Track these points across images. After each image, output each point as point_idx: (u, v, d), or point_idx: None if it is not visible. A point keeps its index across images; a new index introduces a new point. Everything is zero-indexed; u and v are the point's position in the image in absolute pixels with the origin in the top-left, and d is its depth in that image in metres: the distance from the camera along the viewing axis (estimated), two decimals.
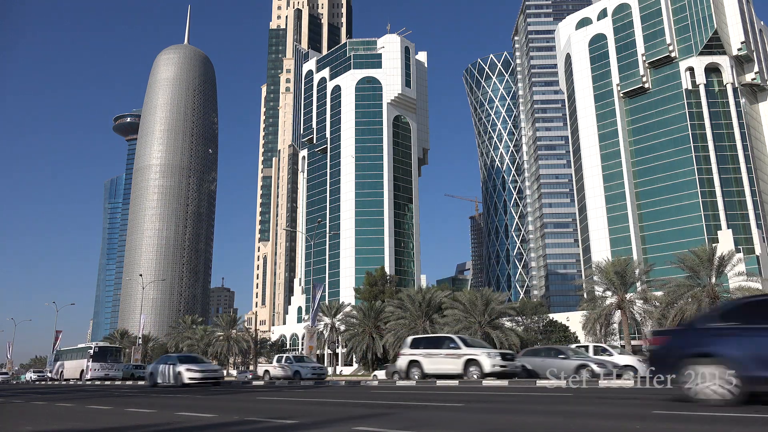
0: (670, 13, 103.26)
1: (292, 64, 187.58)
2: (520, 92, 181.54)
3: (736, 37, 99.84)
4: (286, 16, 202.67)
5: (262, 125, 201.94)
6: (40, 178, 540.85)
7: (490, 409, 10.47)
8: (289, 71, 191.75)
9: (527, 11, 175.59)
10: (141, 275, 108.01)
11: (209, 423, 9.40)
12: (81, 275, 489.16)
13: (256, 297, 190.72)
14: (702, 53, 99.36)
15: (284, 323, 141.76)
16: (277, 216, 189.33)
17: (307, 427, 8.35)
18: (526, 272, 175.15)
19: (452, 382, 23.93)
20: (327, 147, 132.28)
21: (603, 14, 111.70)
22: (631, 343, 56.85)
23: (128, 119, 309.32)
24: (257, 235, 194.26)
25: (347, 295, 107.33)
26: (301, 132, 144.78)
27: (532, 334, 64.63)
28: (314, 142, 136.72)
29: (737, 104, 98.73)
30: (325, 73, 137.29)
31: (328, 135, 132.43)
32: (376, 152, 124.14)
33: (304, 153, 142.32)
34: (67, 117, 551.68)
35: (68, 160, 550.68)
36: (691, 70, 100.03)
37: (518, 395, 14.14)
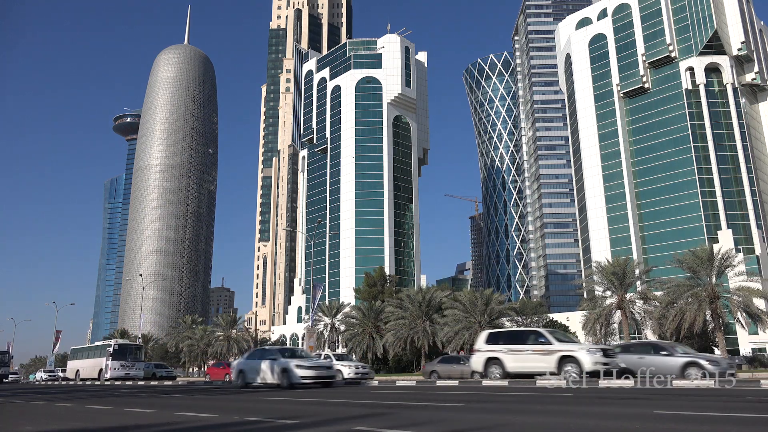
0: (670, 13, 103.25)
1: (292, 64, 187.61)
2: (520, 92, 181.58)
3: (736, 37, 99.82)
4: (286, 16, 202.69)
5: (262, 125, 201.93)
6: (40, 178, 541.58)
7: (490, 409, 10.47)
8: (289, 71, 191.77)
9: (527, 11, 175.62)
10: (141, 275, 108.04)
11: (209, 423, 9.40)
12: (81, 275, 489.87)
13: (256, 297, 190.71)
14: (702, 53, 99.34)
15: (284, 323, 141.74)
16: (277, 216, 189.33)
17: (307, 427, 8.35)
18: (526, 272, 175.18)
19: (452, 382, 23.92)
20: (327, 147, 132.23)
21: (603, 14, 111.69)
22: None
23: (128, 119, 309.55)
24: (257, 235, 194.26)
25: (347, 295, 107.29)
26: (301, 132, 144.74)
27: None
28: (314, 142, 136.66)
29: (737, 104, 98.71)
30: (325, 73, 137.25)
31: (328, 135, 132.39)
32: (376, 152, 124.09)
33: (304, 153, 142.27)
34: (67, 117, 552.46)
35: (68, 160, 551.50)
36: (691, 70, 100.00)
37: (518, 395, 14.14)
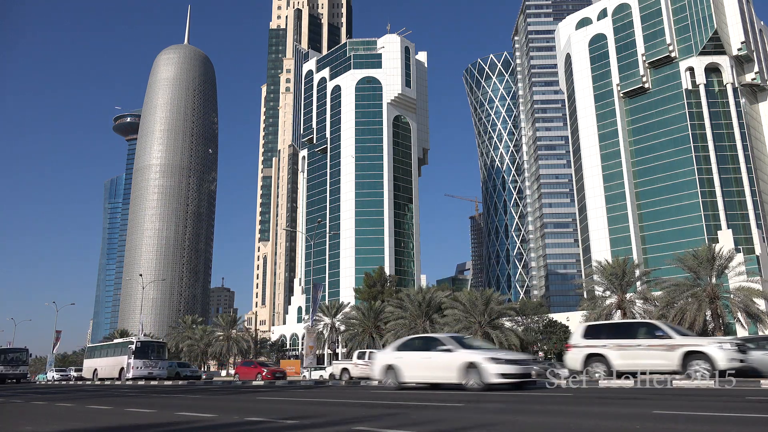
0: (670, 13, 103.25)
1: (292, 64, 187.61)
2: (520, 92, 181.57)
3: (736, 37, 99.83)
4: (286, 16, 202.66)
5: (262, 125, 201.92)
6: (40, 178, 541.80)
7: (489, 409, 10.46)
8: (289, 71, 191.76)
9: (527, 11, 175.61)
10: (141, 275, 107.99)
11: (209, 423, 9.39)
12: (81, 275, 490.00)
13: (256, 297, 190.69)
14: (702, 53, 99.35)
15: (284, 323, 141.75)
16: (277, 216, 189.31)
17: (307, 427, 8.34)
18: (526, 272, 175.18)
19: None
20: (327, 147, 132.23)
21: (603, 14, 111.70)
22: None
23: (128, 119, 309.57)
24: (257, 235, 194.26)
25: (347, 295, 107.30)
26: (301, 132, 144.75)
27: (532, 335, 64.63)
28: (314, 142, 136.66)
29: (737, 104, 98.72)
30: (325, 73, 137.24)
31: (328, 135, 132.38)
32: (376, 152, 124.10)
33: (304, 153, 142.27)
34: (67, 117, 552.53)
35: (68, 160, 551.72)
36: (691, 70, 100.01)
37: (518, 395, 14.13)
